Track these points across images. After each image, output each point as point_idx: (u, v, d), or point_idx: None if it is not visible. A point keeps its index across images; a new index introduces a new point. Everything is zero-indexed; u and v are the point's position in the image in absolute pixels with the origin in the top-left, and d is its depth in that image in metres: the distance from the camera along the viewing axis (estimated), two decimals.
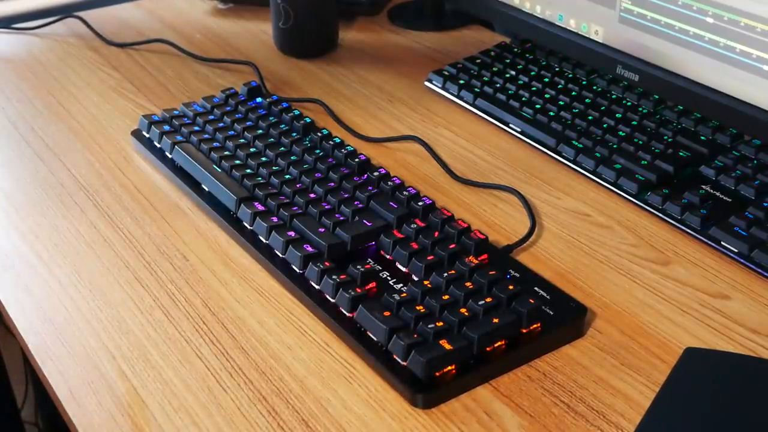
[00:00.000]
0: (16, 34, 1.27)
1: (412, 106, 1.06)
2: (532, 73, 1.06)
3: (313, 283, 0.73)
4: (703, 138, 0.91)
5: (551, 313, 0.70)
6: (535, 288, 0.72)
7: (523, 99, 1.01)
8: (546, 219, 0.85)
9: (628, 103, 0.98)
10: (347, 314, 0.70)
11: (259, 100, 1.01)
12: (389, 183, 0.84)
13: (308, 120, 0.95)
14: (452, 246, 0.75)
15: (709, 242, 0.79)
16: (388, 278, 0.74)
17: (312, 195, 0.82)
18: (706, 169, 0.87)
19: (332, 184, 0.84)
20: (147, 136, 0.96)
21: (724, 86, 0.88)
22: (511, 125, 0.99)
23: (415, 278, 0.73)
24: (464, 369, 0.65)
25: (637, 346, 0.70)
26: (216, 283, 0.77)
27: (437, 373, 0.64)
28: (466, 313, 0.67)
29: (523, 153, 0.96)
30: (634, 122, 0.95)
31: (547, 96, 1.01)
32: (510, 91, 1.03)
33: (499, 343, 0.67)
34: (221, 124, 0.95)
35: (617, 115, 0.96)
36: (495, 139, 0.98)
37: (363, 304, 0.69)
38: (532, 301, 0.69)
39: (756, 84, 0.85)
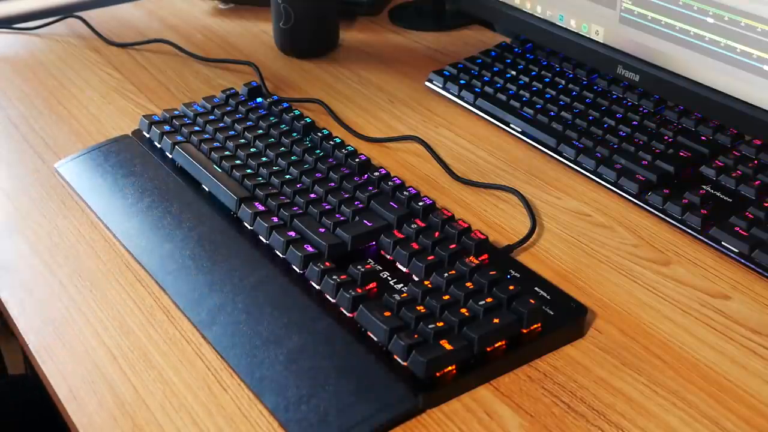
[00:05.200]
0: (16, 34, 1.27)
1: (413, 107, 1.06)
2: (533, 73, 1.06)
3: (313, 284, 0.73)
4: (703, 138, 0.91)
5: (551, 313, 0.70)
6: (536, 288, 0.72)
7: (524, 99, 1.01)
8: (546, 219, 0.85)
9: (629, 104, 0.98)
10: (348, 314, 0.70)
11: (259, 100, 1.01)
12: (390, 183, 0.84)
13: (309, 120, 0.95)
14: (453, 246, 0.75)
15: (710, 242, 0.79)
16: (389, 278, 0.74)
17: (312, 195, 0.82)
18: (706, 169, 0.87)
19: (333, 184, 0.84)
20: (147, 136, 0.96)
21: (725, 86, 0.88)
22: (511, 125, 0.99)
23: (416, 278, 0.73)
24: (465, 369, 0.65)
25: (637, 346, 0.70)
26: None
27: (438, 374, 0.64)
28: (467, 314, 0.67)
29: (523, 153, 0.96)
30: (635, 122, 0.95)
31: (547, 96, 1.01)
32: (510, 92, 1.03)
33: (500, 343, 0.67)
34: (222, 125, 0.95)
35: (618, 115, 0.96)
36: (495, 140, 0.98)
37: (363, 305, 0.69)
38: (532, 301, 0.69)
39: (756, 84, 0.85)
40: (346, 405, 0.62)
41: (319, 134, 0.92)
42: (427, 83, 1.09)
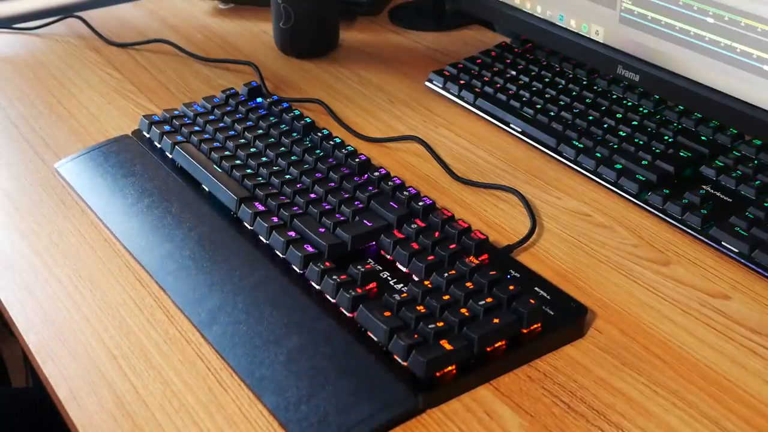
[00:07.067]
0: (16, 34, 1.27)
1: (413, 106, 1.06)
2: (533, 73, 1.06)
3: (313, 284, 0.73)
4: (703, 138, 0.91)
5: (551, 313, 0.70)
6: (536, 288, 0.72)
7: (524, 99, 1.01)
8: (546, 219, 0.85)
9: (629, 104, 0.98)
10: (348, 314, 0.70)
11: (259, 100, 1.01)
12: (390, 183, 0.84)
13: (308, 120, 0.95)
14: (453, 246, 0.75)
15: (710, 242, 0.79)
16: (389, 278, 0.74)
17: (312, 195, 0.82)
18: (706, 169, 0.87)
19: (333, 184, 0.84)
20: (147, 136, 0.96)
21: (725, 86, 0.88)
22: (511, 125, 0.99)
23: (416, 278, 0.73)
24: (465, 369, 0.65)
25: (637, 346, 0.70)
26: None
27: (438, 374, 0.64)
28: (467, 314, 0.67)
29: (523, 153, 0.96)
30: (635, 122, 0.95)
31: (547, 96, 1.01)
32: (510, 91, 1.03)
33: (500, 343, 0.67)
34: (222, 125, 0.95)
35: (618, 115, 0.96)
36: (495, 140, 0.98)
37: (363, 305, 0.69)
38: (532, 301, 0.69)
39: (756, 84, 0.85)
40: (346, 405, 0.63)
41: (319, 134, 0.92)
42: (427, 83, 1.09)
